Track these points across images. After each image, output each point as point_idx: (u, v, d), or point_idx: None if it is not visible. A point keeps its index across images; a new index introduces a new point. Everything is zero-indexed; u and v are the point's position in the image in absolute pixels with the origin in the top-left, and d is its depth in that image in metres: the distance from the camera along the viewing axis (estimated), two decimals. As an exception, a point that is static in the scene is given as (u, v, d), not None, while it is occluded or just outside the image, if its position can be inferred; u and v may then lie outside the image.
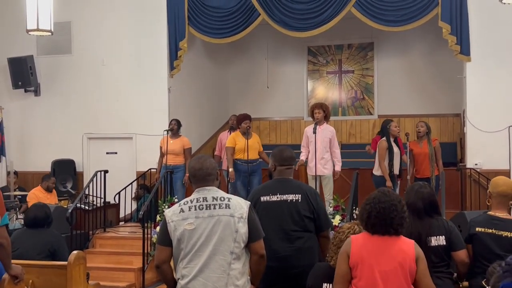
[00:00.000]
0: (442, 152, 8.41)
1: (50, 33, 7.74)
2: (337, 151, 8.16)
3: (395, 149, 8.05)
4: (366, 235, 3.21)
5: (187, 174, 6.11)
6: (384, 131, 8.25)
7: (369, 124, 12.36)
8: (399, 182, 8.15)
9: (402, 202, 3.23)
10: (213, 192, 3.45)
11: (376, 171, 8.11)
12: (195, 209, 3.37)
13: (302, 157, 8.12)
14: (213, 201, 3.39)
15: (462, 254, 3.91)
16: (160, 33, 10.42)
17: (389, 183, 7.76)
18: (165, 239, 3.38)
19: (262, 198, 4.22)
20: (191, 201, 3.42)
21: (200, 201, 3.40)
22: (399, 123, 10.64)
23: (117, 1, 10.68)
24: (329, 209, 7.59)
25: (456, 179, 8.90)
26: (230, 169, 8.44)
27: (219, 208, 3.37)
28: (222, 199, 3.41)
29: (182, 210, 3.39)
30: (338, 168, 8.09)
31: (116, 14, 10.68)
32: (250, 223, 3.38)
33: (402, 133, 9.07)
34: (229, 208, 3.37)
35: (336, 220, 7.19)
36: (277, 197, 4.18)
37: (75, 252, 4.55)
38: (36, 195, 9.08)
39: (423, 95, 11.96)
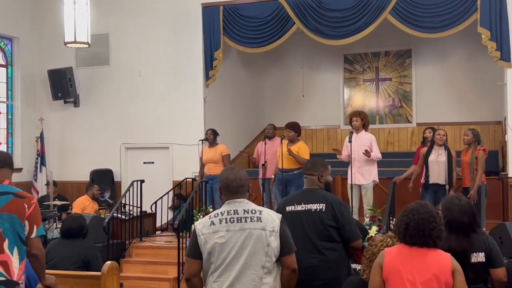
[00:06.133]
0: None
1: (87, 45, 7.90)
2: (378, 154, 8.05)
3: (434, 157, 7.82)
4: (402, 247, 3.14)
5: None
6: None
7: (407, 132, 12.16)
8: (451, 192, 7.82)
9: (440, 214, 3.15)
10: (244, 204, 3.40)
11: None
12: (226, 222, 3.33)
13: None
14: (244, 214, 3.34)
15: (500, 272, 3.74)
16: (195, 44, 10.49)
17: (410, 184, 8.11)
18: (195, 251, 3.35)
19: (287, 208, 4.18)
20: (222, 214, 3.37)
21: (231, 214, 3.35)
22: (438, 131, 10.45)
23: (154, 13, 10.82)
24: (366, 220, 7.48)
25: (498, 188, 8.62)
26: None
27: (251, 221, 3.32)
28: (254, 211, 3.36)
29: (212, 223, 3.35)
30: (373, 156, 7.93)
31: (152, 25, 10.81)
32: (282, 237, 3.33)
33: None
34: (260, 221, 3.32)
35: (373, 231, 7.05)
36: (302, 207, 4.13)
37: (108, 262, 4.56)
38: (83, 202, 9.24)
39: (463, 103, 11.70)
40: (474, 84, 11.55)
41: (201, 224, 3.39)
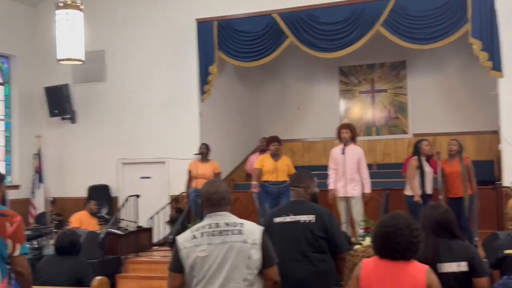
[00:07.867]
0: (479, 171, 8.19)
1: (81, 62, 7.93)
2: (366, 171, 8.07)
3: (427, 169, 7.89)
4: (376, 259, 3.13)
5: None
6: (416, 150, 8.13)
7: (404, 143, 12.17)
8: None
9: (413, 226, 3.09)
10: (226, 217, 3.41)
11: (407, 192, 7.96)
12: (208, 236, 3.34)
13: (331, 184, 8.03)
14: (225, 227, 3.36)
15: (484, 282, 3.69)
16: (190, 59, 10.56)
17: (417, 198, 7.68)
18: (178, 266, 3.36)
19: (275, 220, 4.20)
20: (203, 227, 3.38)
21: (213, 227, 3.36)
22: (434, 142, 10.49)
23: (149, 29, 10.91)
24: (360, 231, 7.48)
25: (493, 198, 8.62)
26: (254, 182, 8.50)
27: (232, 234, 3.33)
28: (235, 224, 3.37)
29: (194, 237, 3.36)
30: (367, 190, 7.97)
31: (147, 41, 10.90)
32: (263, 249, 3.33)
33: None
34: (241, 234, 3.33)
35: (367, 242, 7.05)
36: (291, 218, 4.15)
37: (98, 277, 4.59)
38: (81, 216, 9.16)
39: (459, 113, 11.73)
40: (470, 94, 11.59)
41: (182, 238, 3.40)
